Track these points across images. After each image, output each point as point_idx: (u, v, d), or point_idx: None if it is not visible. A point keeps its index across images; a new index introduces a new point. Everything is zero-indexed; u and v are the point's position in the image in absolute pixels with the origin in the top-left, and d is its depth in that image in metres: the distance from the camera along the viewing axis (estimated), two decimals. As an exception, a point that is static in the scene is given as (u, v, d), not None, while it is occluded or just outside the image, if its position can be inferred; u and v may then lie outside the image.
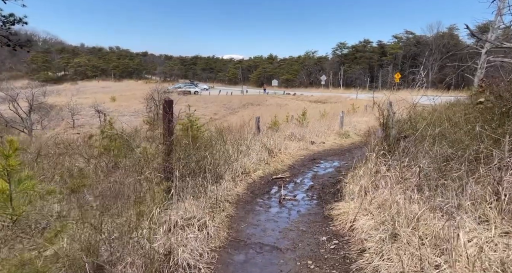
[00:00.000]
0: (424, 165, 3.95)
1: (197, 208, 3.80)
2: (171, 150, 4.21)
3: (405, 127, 4.95)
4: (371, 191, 4.23)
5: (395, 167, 4.52)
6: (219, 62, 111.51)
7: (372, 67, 64.28)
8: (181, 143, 4.69)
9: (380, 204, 3.72)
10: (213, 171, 4.91)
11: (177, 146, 4.41)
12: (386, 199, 3.69)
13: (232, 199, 4.71)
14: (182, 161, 4.19)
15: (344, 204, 4.36)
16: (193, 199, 4.04)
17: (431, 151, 4.12)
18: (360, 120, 16.19)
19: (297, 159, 7.70)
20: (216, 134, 6.83)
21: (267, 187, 5.51)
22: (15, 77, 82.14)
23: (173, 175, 3.93)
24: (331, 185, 5.69)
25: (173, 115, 4.28)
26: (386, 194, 3.78)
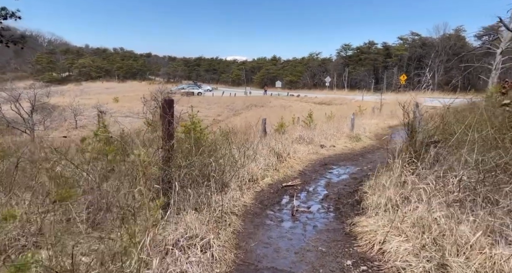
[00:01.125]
0: (464, 176, 3.39)
1: (200, 224, 3.26)
2: (170, 156, 3.69)
3: (435, 131, 4.38)
4: (401, 205, 3.67)
5: (426, 176, 3.97)
6: (222, 63, 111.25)
7: (377, 69, 63.61)
8: (183, 147, 4.16)
9: (415, 222, 3.15)
10: (218, 178, 4.37)
11: (177, 151, 3.89)
12: (422, 217, 3.13)
13: (239, 211, 4.16)
14: (183, 169, 3.66)
15: (367, 219, 3.80)
16: (195, 212, 3.50)
17: (471, 159, 3.56)
18: (369, 122, 15.62)
19: (307, 164, 7.15)
20: (221, 137, 6.32)
21: (277, 197, 4.96)
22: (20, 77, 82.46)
23: (173, 185, 3.40)
24: (348, 194, 5.13)
25: (173, 116, 3.76)
26: (421, 210, 3.23)
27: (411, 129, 4.63)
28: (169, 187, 3.37)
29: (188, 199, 3.55)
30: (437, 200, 3.27)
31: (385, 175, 4.83)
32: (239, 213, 4.07)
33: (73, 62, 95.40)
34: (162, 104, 3.67)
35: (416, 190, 3.67)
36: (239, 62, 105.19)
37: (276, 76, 78.29)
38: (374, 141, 10.86)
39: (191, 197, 3.55)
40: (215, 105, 48.92)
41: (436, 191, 3.45)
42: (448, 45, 53.41)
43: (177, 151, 3.89)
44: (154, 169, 2.92)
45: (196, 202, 3.67)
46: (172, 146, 3.67)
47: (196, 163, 3.87)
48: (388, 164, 4.95)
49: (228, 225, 3.69)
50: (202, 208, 3.64)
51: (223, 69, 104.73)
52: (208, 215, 3.52)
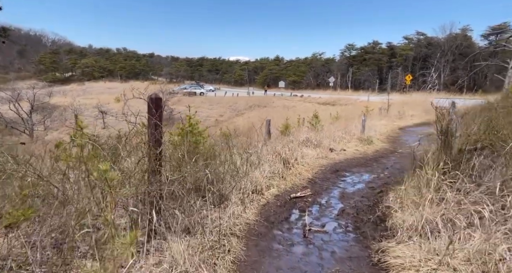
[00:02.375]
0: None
1: (190, 255, 2.55)
2: (158, 167, 2.97)
3: (480, 136, 3.63)
4: (443, 230, 2.93)
5: (469, 192, 3.23)
6: (225, 63, 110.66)
7: (381, 69, 62.68)
8: (175, 155, 3.45)
9: (471, 257, 2.42)
10: (216, 191, 3.66)
11: (168, 159, 3.17)
12: (480, 250, 2.40)
13: (241, 231, 3.44)
14: (172, 182, 2.94)
15: (400, 246, 3.06)
16: (187, 236, 2.79)
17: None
18: (377, 123, 14.85)
19: (316, 171, 6.41)
20: (220, 142, 5.63)
21: (286, 211, 4.24)
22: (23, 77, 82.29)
23: (158, 205, 2.68)
24: (368, 209, 4.39)
25: (162, 117, 3.04)
26: (478, 240, 2.49)
27: (446, 133, 3.89)
28: (153, 208, 2.65)
29: (177, 221, 2.83)
30: (498, 226, 2.53)
31: (413, 187, 4.11)
32: (240, 234, 3.34)
33: (76, 62, 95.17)
34: (148, 102, 2.96)
35: (462, 211, 2.93)
36: (242, 62, 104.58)
37: (279, 76, 77.54)
38: (386, 144, 10.11)
39: (180, 218, 2.83)
40: (218, 105, 48.27)
41: (493, 214, 2.72)
42: (454, 44, 52.42)
43: (167, 160, 3.18)
44: (126, 190, 2.21)
45: (189, 223, 2.96)
46: (160, 154, 2.95)
47: (189, 175, 3.15)
48: (415, 174, 4.22)
49: (227, 251, 2.96)
50: (196, 230, 2.93)
51: (225, 69, 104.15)
52: (202, 239, 2.81)
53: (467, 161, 3.61)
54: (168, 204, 2.78)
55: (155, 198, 2.64)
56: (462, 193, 3.31)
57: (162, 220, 2.67)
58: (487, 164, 3.41)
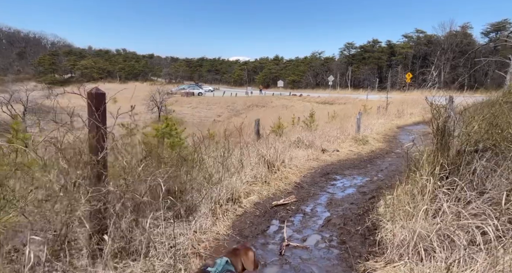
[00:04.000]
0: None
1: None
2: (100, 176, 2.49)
3: (481, 136, 3.15)
4: (440, 248, 2.47)
5: (470, 201, 2.77)
6: (224, 63, 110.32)
7: (381, 68, 62.16)
8: (129, 162, 2.97)
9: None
10: (180, 202, 3.20)
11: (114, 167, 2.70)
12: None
13: (206, 249, 2.97)
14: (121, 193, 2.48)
15: (388, 268, 2.60)
16: (134, 262, 2.33)
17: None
18: (375, 122, 14.37)
19: (305, 174, 5.95)
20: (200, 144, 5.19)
21: (264, 223, 3.77)
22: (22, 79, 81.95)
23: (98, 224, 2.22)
24: (357, 218, 3.93)
25: (105, 116, 2.57)
26: (482, 263, 2.03)
27: (443, 132, 3.41)
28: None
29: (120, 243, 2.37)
30: (506, 246, 2.07)
31: (406, 194, 3.64)
32: (205, 253, 2.88)
33: (75, 64, 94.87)
34: (88, 99, 2.48)
35: (462, 224, 2.47)
36: (242, 62, 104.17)
37: (279, 76, 77.08)
38: (382, 144, 9.64)
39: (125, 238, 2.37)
40: (216, 105, 47.84)
41: (499, 230, 2.25)
42: (454, 42, 51.89)
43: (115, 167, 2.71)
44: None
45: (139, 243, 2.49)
46: (104, 160, 2.48)
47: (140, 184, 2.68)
48: (408, 178, 3.76)
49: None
50: (147, 252, 2.47)
51: (225, 69, 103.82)
52: (149, 264, 2.35)
53: (467, 165, 3.14)
54: (118, 216, 2.30)
55: (91, 215, 2.18)
56: (462, 203, 2.84)
57: (103, 242, 2.20)
58: (490, 168, 2.94)
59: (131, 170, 2.59)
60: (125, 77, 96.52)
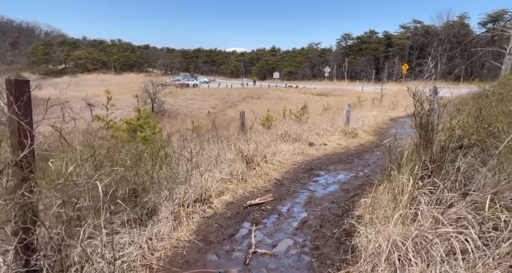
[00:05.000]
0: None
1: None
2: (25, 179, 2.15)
3: (466, 130, 2.85)
4: (415, 260, 2.19)
5: (453, 203, 2.50)
6: (221, 54, 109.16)
7: (378, 59, 61.62)
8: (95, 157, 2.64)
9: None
10: (133, 206, 2.90)
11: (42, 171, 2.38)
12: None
13: (160, 260, 2.67)
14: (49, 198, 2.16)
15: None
16: None
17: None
18: (368, 114, 14.08)
19: (288, 170, 5.66)
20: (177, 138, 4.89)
21: (233, 226, 3.48)
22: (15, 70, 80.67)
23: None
24: (335, 219, 3.65)
25: (30, 108, 2.22)
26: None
27: (426, 127, 3.11)
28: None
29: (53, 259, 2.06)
30: (486, 259, 1.79)
31: (386, 193, 3.37)
32: (157, 265, 2.58)
33: (68, 54, 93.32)
34: (7, 88, 2.13)
35: (441, 236, 2.19)
36: (238, 54, 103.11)
37: (275, 67, 76.36)
38: (373, 137, 9.36)
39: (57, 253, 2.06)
40: (211, 97, 47.29)
41: (481, 239, 1.97)
42: (451, 33, 51.33)
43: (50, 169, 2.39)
44: None
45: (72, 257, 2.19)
46: (28, 161, 2.13)
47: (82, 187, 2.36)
48: (390, 177, 3.47)
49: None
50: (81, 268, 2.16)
51: (221, 60, 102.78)
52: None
53: (451, 162, 2.86)
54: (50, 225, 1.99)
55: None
56: (443, 206, 2.56)
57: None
58: (475, 167, 2.66)
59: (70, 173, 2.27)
60: (120, 68, 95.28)
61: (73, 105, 40.13)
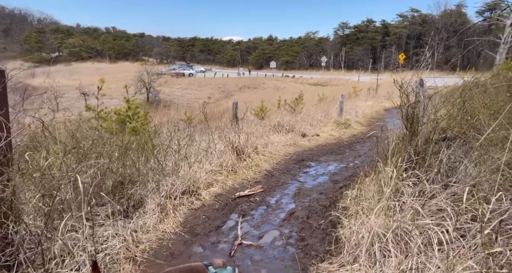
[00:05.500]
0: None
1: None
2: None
3: (449, 123, 2.86)
4: (394, 251, 2.22)
5: (435, 195, 2.52)
6: (217, 43, 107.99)
7: (375, 48, 61.36)
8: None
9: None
10: (119, 197, 2.90)
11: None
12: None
13: (145, 252, 2.69)
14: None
15: (342, 271, 2.36)
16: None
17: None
18: (362, 105, 14.10)
19: (279, 161, 5.68)
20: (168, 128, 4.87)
21: (221, 217, 3.51)
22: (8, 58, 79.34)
23: None
24: (323, 210, 3.68)
25: (6, 99, 2.18)
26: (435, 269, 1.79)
27: (412, 119, 3.12)
28: None
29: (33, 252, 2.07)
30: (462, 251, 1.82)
31: (373, 185, 3.39)
32: (142, 258, 2.60)
33: (62, 42, 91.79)
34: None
35: (420, 227, 2.21)
36: (235, 42, 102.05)
37: (272, 56, 75.83)
38: (366, 127, 9.39)
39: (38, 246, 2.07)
40: (207, 87, 46.95)
41: (457, 230, 2.00)
42: (448, 21, 51.05)
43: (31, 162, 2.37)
44: None
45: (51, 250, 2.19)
46: (9, 151, 2.10)
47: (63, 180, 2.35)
48: (376, 169, 3.49)
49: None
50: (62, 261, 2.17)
51: (218, 49, 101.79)
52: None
53: (435, 154, 2.87)
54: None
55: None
56: (425, 198, 2.59)
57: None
58: (456, 159, 2.68)
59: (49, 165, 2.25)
60: (115, 57, 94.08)
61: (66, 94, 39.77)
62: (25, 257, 1.98)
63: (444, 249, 1.99)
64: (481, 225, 1.64)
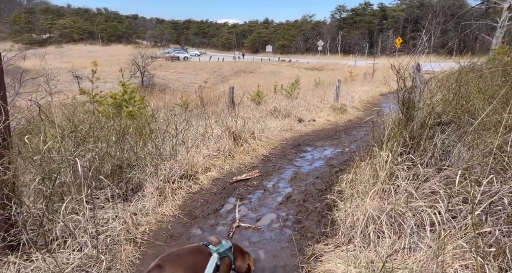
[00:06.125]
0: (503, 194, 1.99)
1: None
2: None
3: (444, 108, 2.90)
4: (388, 232, 2.30)
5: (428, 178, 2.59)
6: (212, 26, 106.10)
7: (372, 32, 60.73)
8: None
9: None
10: (118, 180, 2.93)
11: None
12: (425, 269, 1.77)
13: (145, 234, 2.74)
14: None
15: (336, 252, 2.44)
16: (45, 255, 2.09)
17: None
18: (359, 89, 14.10)
19: (276, 146, 5.72)
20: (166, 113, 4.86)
21: (219, 201, 3.57)
22: (0, 39, 77.24)
23: None
24: (319, 194, 3.75)
25: (3, 81, 2.15)
26: (425, 253, 1.87)
27: (408, 104, 3.15)
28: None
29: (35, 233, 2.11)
30: (453, 231, 1.89)
31: (368, 169, 3.45)
32: (142, 239, 2.66)
33: (53, 23, 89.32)
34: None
35: (412, 206, 2.28)
36: (230, 25, 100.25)
37: (268, 40, 74.83)
38: (362, 112, 9.43)
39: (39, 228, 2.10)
40: (202, 71, 46.39)
41: (449, 212, 2.07)
42: (446, 4, 50.49)
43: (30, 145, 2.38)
44: None
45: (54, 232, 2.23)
46: (8, 134, 2.09)
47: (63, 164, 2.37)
48: (372, 153, 3.54)
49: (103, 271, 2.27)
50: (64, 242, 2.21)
51: (213, 32, 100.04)
52: (73, 256, 2.12)
53: (430, 139, 2.93)
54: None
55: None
56: (419, 181, 2.65)
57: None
58: (450, 143, 2.73)
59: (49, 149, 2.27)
60: (107, 39, 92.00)
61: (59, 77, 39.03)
62: (28, 238, 2.02)
63: (436, 229, 2.07)
64: (472, 206, 1.70)
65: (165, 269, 1.48)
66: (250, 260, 2.12)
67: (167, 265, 1.51)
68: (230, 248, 1.98)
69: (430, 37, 48.63)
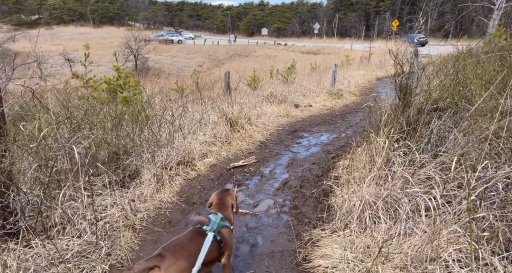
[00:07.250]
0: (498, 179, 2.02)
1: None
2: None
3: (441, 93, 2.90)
4: (384, 217, 2.34)
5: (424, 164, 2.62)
6: (207, 8, 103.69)
7: (369, 14, 59.85)
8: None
9: (408, 263, 1.84)
10: (115, 167, 2.92)
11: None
12: (421, 255, 1.81)
13: (143, 220, 2.76)
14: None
15: (333, 238, 2.49)
16: (43, 242, 2.10)
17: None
18: (355, 74, 14.00)
19: (272, 132, 5.72)
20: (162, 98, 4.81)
21: (217, 187, 3.58)
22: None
23: None
24: (315, 180, 3.79)
25: None
26: (420, 238, 1.91)
27: (405, 90, 3.14)
28: None
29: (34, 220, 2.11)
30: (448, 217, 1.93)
31: (364, 155, 3.47)
32: (140, 226, 2.68)
33: (42, 3, 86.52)
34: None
35: (409, 195, 2.32)
36: (225, 7, 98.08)
37: (263, 23, 73.46)
38: (358, 97, 9.41)
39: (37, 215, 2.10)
40: (196, 54, 45.63)
41: (444, 197, 2.11)
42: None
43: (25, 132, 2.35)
44: None
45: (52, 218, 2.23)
46: (3, 121, 2.05)
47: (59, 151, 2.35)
48: (369, 139, 3.56)
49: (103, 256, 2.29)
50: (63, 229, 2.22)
51: (207, 15, 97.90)
52: (73, 242, 2.13)
53: (426, 125, 2.94)
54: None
55: None
56: (414, 167, 2.68)
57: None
58: (446, 129, 2.75)
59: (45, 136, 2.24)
60: (99, 21, 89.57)
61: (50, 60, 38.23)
62: (27, 225, 2.03)
63: (431, 215, 2.10)
64: (468, 192, 1.72)
65: (165, 259, 1.49)
66: (234, 199, 2.18)
67: (168, 254, 1.52)
68: (222, 219, 1.89)
69: (427, 20, 48.13)
